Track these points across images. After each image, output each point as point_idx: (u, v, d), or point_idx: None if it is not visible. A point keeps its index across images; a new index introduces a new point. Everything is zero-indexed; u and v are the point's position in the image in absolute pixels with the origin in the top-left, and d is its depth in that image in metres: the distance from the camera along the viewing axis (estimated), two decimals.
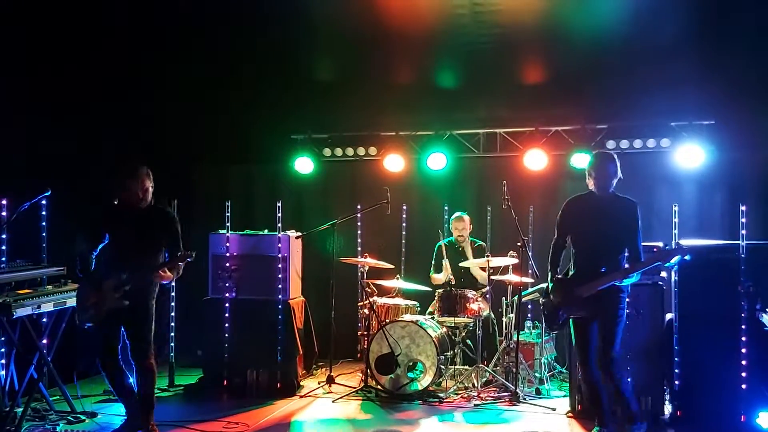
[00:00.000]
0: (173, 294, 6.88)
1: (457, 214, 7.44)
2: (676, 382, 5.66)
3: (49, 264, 6.02)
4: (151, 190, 5.16)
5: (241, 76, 7.75)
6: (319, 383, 6.80)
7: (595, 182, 5.08)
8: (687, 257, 4.96)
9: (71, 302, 5.61)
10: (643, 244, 5.97)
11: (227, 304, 6.68)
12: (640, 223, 5.02)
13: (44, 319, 5.85)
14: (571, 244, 5.16)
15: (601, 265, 4.95)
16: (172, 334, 6.88)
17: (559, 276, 5.17)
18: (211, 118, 8.09)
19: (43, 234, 6.18)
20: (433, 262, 7.49)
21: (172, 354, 6.90)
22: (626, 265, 4.96)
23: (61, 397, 5.87)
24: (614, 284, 4.91)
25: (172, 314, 6.88)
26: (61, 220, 6.23)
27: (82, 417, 5.71)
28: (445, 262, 7.24)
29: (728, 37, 6.75)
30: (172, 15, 6.83)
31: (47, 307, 5.42)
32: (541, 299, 5.38)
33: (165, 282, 5.12)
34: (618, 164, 5.09)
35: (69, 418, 5.67)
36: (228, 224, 6.84)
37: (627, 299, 5.05)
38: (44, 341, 5.76)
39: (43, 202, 6.02)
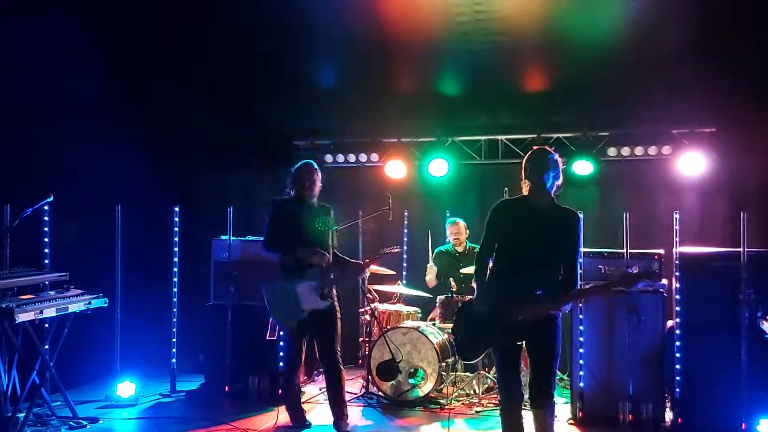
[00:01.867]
0: (175, 300, 6.88)
1: (452, 219, 7.45)
2: (677, 390, 5.67)
3: (51, 269, 6.03)
4: (320, 184, 5.54)
5: (242, 81, 7.76)
6: (320, 389, 6.79)
7: (530, 186, 4.30)
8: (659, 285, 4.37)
9: (74, 308, 5.61)
10: (644, 251, 6.05)
11: (229, 310, 6.69)
12: (581, 239, 4.33)
13: (46, 325, 5.85)
14: (495, 257, 4.39)
15: (535, 286, 4.15)
16: (174, 339, 6.88)
17: (476, 296, 4.39)
18: (212, 123, 8.10)
19: (46, 239, 6.19)
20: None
21: (174, 360, 6.90)
22: (572, 290, 4.20)
23: (63, 402, 5.87)
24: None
25: (174, 320, 6.88)
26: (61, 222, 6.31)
27: (84, 422, 5.72)
28: (430, 265, 7.33)
29: (729, 45, 6.76)
30: (171, 18, 6.83)
31: (50, 312, 5.40)
32: (454, 322, 4.62)
33: None
34: (560, 165, 4.29)
35: (71, 423, 5.68)
36: (230, 230, 6.85)
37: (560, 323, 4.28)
38: (46, 346, 5.76)
39: (45, 207, 6.04)
